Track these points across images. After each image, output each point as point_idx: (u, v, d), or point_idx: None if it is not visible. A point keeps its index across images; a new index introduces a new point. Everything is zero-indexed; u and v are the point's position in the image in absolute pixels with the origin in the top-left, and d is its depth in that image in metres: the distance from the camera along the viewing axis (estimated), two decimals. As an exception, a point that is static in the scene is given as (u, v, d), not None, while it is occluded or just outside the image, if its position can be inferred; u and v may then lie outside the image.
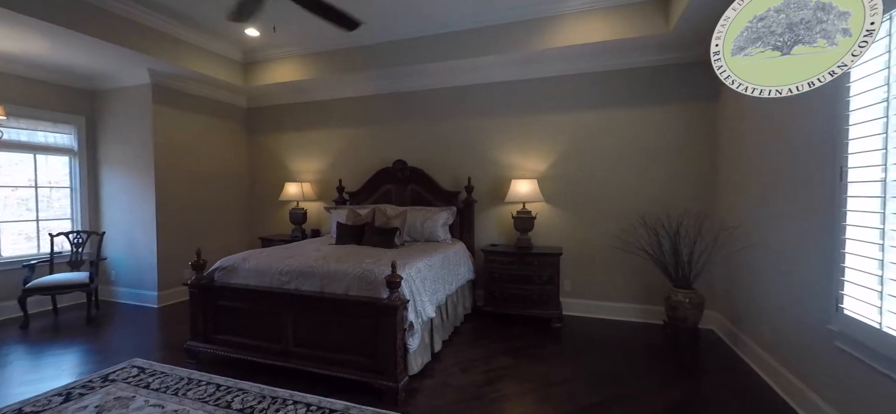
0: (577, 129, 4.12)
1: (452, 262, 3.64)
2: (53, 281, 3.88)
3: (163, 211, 4.54)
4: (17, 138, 4.20)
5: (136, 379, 2.72)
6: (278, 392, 2.54)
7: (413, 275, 2.79)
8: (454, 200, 4.42)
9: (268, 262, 3.01)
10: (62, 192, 4.68)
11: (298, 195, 5.04)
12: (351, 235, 3.85)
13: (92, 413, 2.30)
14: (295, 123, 5.40)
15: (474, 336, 3.61)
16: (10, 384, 2.74)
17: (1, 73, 4.04)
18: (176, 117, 4.68)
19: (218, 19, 4.01)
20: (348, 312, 2.61)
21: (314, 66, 4.63)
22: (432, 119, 4.68)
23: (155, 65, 4.16)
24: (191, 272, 3.17)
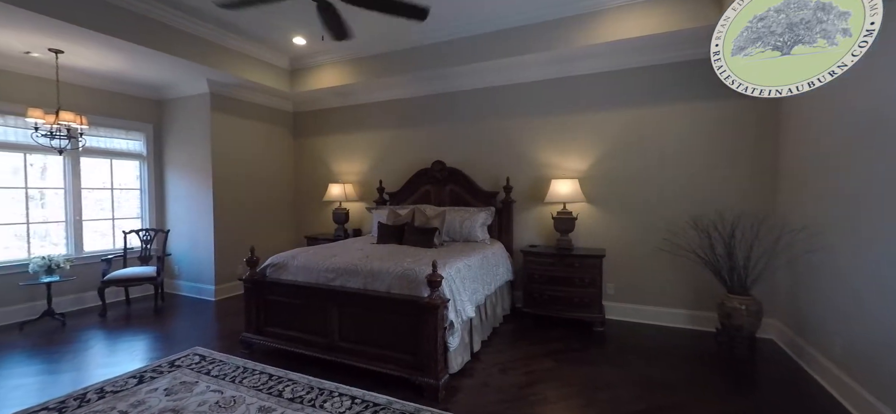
0: (622, 127, 3.98)
1: (491, 262, 3.64)
2: (126, 274, 4.28)
3: (219, 210, 4.87)
4: (97, 145, 4.66)
5: (198, 366, 2.94)
6: (325, 384, 2.66)
7: (453, 274, 2.82)
8: (492, 201, 4.41)
9: (314, 259, 3.16)
10: (133, 193, 5.14)
11: (341, 196, 5.23)
12: (392, 234, 3.95)
13: (162, 395, 2.52)
14: (337, 127, 5.60)
15: (513, 337, 3.59)
16: (93, 366, 3.06)
17: (83, 87, 4.51)
18: (230, 123, 5.00)
19: (268, 30, 4.25)
20: (390, 310, 2.68)
21: (356, 71, 4.78)
22: (470, 119, 4.70)
23: (213, 75, 4.48)
24: (245, 268, 3.38)
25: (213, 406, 2.39)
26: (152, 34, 3.69)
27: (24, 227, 4.19)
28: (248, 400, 2.46)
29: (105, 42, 3.52)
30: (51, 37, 3.42)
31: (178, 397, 2.50)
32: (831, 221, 2.64)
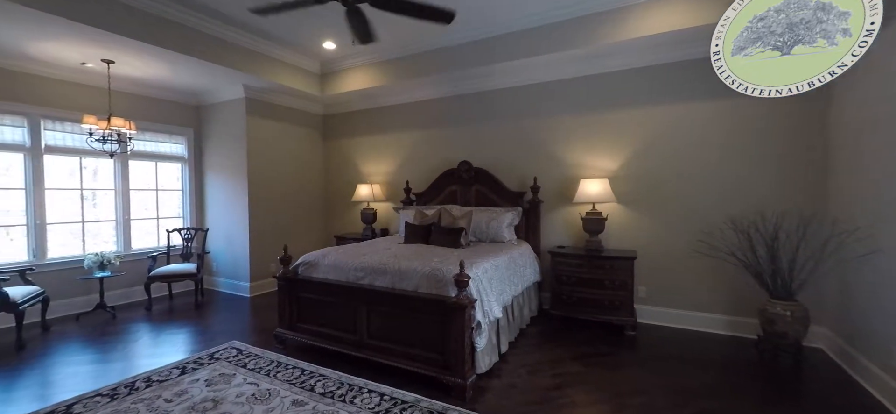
0: (654, 124, 3.86)
1: (518, 263, 3.61)
2: (169, 270, 4.52)
3: (254, 210, 5.07)
4: (143, 149, 4.96)
5: (236, 359, 3.08)
6: (354, 380, 2.72)
7: (480, 275, 2.82)
8: (519, 201, 4.37)
9: (344, 258, 3.23)
10: (175, 194, 5.43)
11: (369, 196, 5.32)
12: (418, 234, 3.99)
13: (203, 386, 2.65)
14: (366, 128, 5.71)
15: (541, 339, 3.54)
16: (140, 356, 3.26)
17: (131, 94, 4.80)
18: (264, 126, 5.20)
19: (300, 35, 4.39)
20: (418, 309, 2.71)
21: (384, 73, 4.86)
22: (497, 119, 4.68)
23: (248, 80, 4.67)
24: (278, 266, 3.51)
25: (249, 398, 2.50)
26: (193, 43, 3.89)
27: (79, 225, 4.51)
28: (282, 393, 2.55)
29: (151, 51, 3.74)
30: (104, 48, 3.66)
31: (217, 388, 2.62)
32: (887, 222, 2.46)
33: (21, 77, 3.99)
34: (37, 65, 4.01)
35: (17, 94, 3.97)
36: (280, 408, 2.39)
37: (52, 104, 4.18)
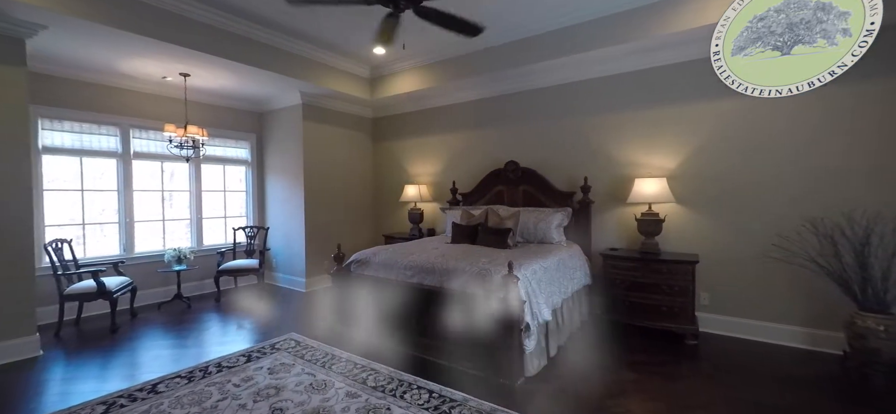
0: (718, 119, 3.59)
1: (568, 265, 3.52)
2: (235, 265, 4.90)
3: (309, 210, 5.35)
4: (213, 154, 5.41)
5: (294, 350, 3.27)
6: (404, 376, 2.79)
7: (529, 276, 2.78)
8: (569, 202, 4.25)
9: (394, 257, 3.33)
10: (240, 195, 5.87)
11: (416, 197, 5.43)
12: (465, 234, 4.00)
13: (266, 373, 2.85)
14: (413, 130, 5.83)
15: (592, 344, 3.42)
16: (210, 344, 3.56)
17: (203, 104, 5.26)
18: (319, 131, 5.47)
19: (351, 42, 4.58)
20: (466, 308, 2.72)
21: (432, 76, 4.93)
22: (545, 118, 4.58)
23: (305, 87, 4.94)
24: (332, 263, 3.68)
25: (307, 387, 2.64)
26: (257, 54, 4.19)
27: (160, 223, 5.01)
28: (336, 385, 2.67)
29: (221, 64, 4.07)
30: (182, 63, 4.05)
31: (278, 376, 2.80)
32: None
33: (114, 92, 4.51)
34: (127, 80, 4.51)
35: (112, 106, 4.49)
36: (335, 398, 2.50)
37: (139, 115, 4.69)
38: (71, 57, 3.83)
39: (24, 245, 3.22)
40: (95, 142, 4.42)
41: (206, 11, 3.68)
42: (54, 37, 3.32)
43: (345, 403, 2.45)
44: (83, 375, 2.96)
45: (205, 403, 2.45)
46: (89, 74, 4.26)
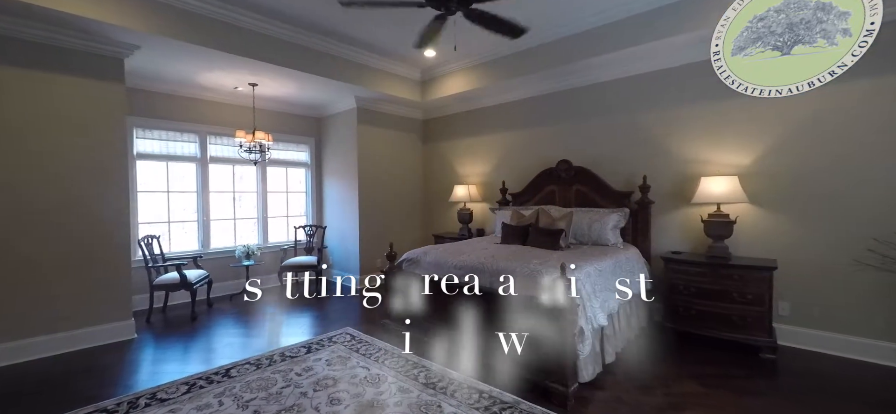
0: (799, 110, 3.24)
1: (625, 268, 3.35)
2: (296, 262, 5.22)
3: (363, 210, 5.57)
4: (277, 157, 5.80)
5: (350, 344, 3.42)
6: (454, 374, 2.81)
7: (582, 279, 2.69)
8: (626, 202, 4.05)
9: (444, 256, 3.37)
10: (300, 195, 6.25)
11: (465, 197, 5.45)
12: (515, 235, 3.95)
13: (324, 364, 3.01)
14: (462, 131, 5.86)
15: (652, 353, 3.24)
16: (273, 334, 3.82)
17: (269, 111, 5.66)
18: (372, 133, 5.67)
19: (403, 47, 4.70)
20: (516, 310, 2.69)
21: (482, 76, 4.93)
22: (600, 115, 4.40)
23: (359, 92, 5.15)
24: (384, 261, 3.80)
25: (362, 380, 2.75)
26: (317, 63, 4.44)
27: (231, 222, 5.47)
28: (389, 379, 2.76)
29: (285, 73, 4.37)
30: (251, 74, 4.40)
31: (335, 368, 2.95)
32: None
33: (194, 102, 4.99)
34: (205, 91, 4.98)
35: (192, 115, 4.98)
36: (388, 392, 2.58)
37: (214, 122, 5.15)
38: (159, 72, 4.31)
39: (122, 240, 3.66)
40: (179, 148, 4.93)
41: (273, 25, 3.96)
42: (146, 55, 3.75)
43: (397, 397, 2.52)
44: (169, 357, 3.31)
45: (271, 389, 2.64)
46: (173, 87, 4.76)
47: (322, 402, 2.47)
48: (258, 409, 2.40)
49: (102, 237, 3.53)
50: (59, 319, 3.31)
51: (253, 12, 3.77)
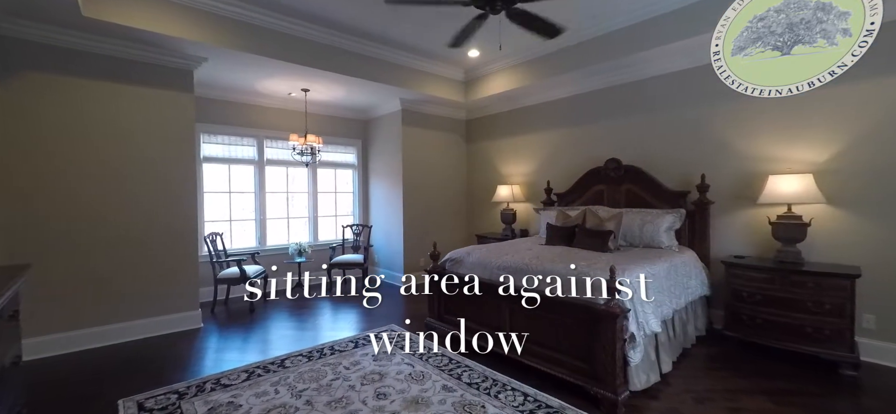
0: (885, 100, 2.89)
1: (680, 272, 3.16)
2: (344, 259, 5.42)
3: (407, 210, 5.68)
4: (326, 159, 6.06)
5: (395, 340, 3.50)
6: (498, 376, 2.79)
7: (633, 282, 2.57)
8: (681, 202, 3.81)
9: (487, 257, 3.35)
10: (347, 196, 6.48)
11: (509, 197, 5.39)
12: (561, 236, 3.85)
13: (370, 360, 3.10)
14: (506, 130, 5.80)
15: (711, 363, 3.03)
16: (323, 329, 4.00)
17: (319, 115, 5.92)
18: (416, 135, 5.77)
19: (445, 47, 4.72)
20: (563, 313, 2.63)
21: (526, 74, 4.85)
22: (652, 110, 4.18)
23: (404, 94, 5.26)
24: (428, 261, 3.85)
25: (406, 377, 2.81)
26: (365, 67, 4.59)
27: (284, 221, 5.79)
28: (433, 377, 2.79)
29: (335, 78, 4.57)
30: (304, 80, 4.64)
31: (381, 363, 3.03)
32: None
33: (252, 109, 5.34)
34: (261, 98, 5.31)
35: (250, 121, 5.33)
36: (432, 390, 2.62)
37: (270, 127, 5.48)
38: (222, 82, 4.66)
39: (191, 237, 3.99)
40: (239, 152, 5.29)
41: (324, 33, 4.16)
42: (212, 66, 4.07)
43: (441, 395, 2.55)
44: (230, 346, 3.57)
45: (321, 380, 2.77)
46: (235, 95, 5.12)
47: (369, 396, 2.55)
48: (310, 399, 2.52)
49: (175, 234, 3.87)
50: (137, 308, 3.67)
51: (307, 21, 3.98)
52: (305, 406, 2.44)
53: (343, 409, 2.40)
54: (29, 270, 1.90)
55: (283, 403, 2.48)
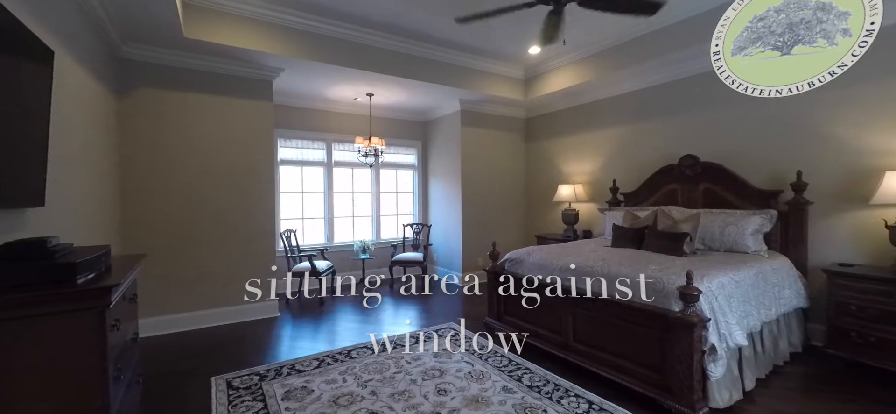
0: None
1: (771, 281, 2.83)
2: (405, 258, 5.59)
3: (466, 209, 5.71)
4: (389, 160, 6.30)
5: (454, 338, 3.54)
6: (560, 381, 2.71)
7: (715, 290, 2.36)
8: (771, 202, 3.42)
9: (549, 258, 3.27)
10: (408, 195, 6.68)
11: (571, 197, 5.20)
12: (629, 238, 3.64)
13: (431, 356, 3.17)
14: (567, 128, 5.61)
15: (807, 383, 2.68)
16: (386, 323, 4.16)
17: (382, 118, 6.17)
18: (475, 134, 5.79)
19: (507, 47, 4.69)
20: (632, 319, 2.49)
21: (590, 69, 4.66)
22: (733, 101, 3.78)
23: (464, 95, 5.30)
24: (486, 260, 3.85)
25: (466, 375, 2.83)
26: (426, 70, 4.71)
27: (350, 219, 6.11)
28: (493, 378, 2.79)
29: (397, 82, 4.73)
30: (368, 85, 4.87)
31: (441, 360, 3.08)
32: None
33: (322, 114, 5.71)
34: (330, 104, 5.66)
35: (319, 125, 5.70)
36: (492, 390, 2.61)
37: (337, 131, 5.82)
38: (296, 90, 5.03)
39: (270, 234, 4.37)
40: (310, 155, 5.69)
41: (388, 39, 4.33)
42: (288, 76, 4.42)
43: (501, 396, 2.53)
44: (302, 334, 3.84)
45: (385, 372, 2.89)
46: (306, 102, 5.51)
47: (430, 391, 2.61)
48: (375, 390, 2.63)
49: (258, 231, 4.26)
50: (225, 297, 4.09)
51: (372, 29, 4.17)
52: (371, 396, 2.56)
53: (405, 401, 2.49)
54: (144, 259, 2.21)
55: (351, 391, 2.62)
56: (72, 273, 1.38)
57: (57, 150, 2.08)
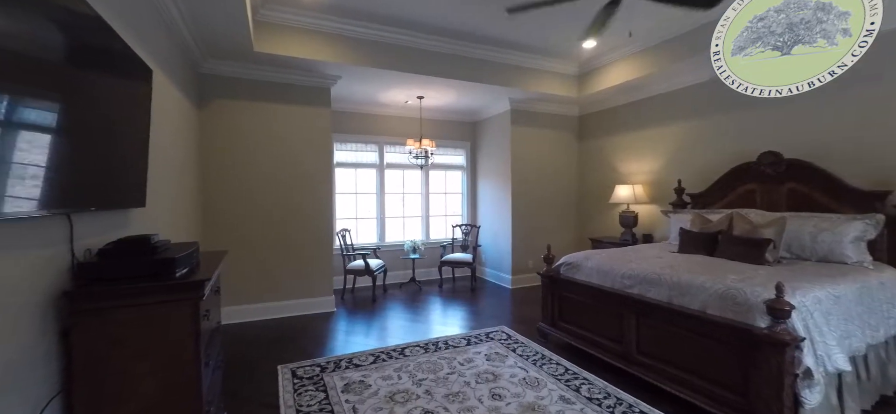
0: None
1: (878, 297, 2.46)
2: (454, 258, 5.58)
3: (515, 210, 5.59)
4: (438, 162, 6.32)
5: (506, 342, 3.46)
6: (622, 395, 2.54)
7: (810, 305, 2.08)
8: (877, 205, 2.98)
9: (609, 263, 3.09)
10: (457, 196, 6.66)
11: (629, 198, 4.90)
12: (699, 243, 3.35)
13: (483, 358, 3.12)
14: (624, 125, 5.30)
15: (928, 419, 2.29)
16: (434, 323, 4.15)
17: (432, 120, 6.21)
18: (525, 134, 5.64)
19: (559, 43, 4.51)
20: (707, 334, 2.27)
21: (650, 62, 4.36)
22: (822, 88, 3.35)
23: (513, 94, 5.19)
24: (538, 262, 3.71)
25: (520, 381, 2.74)
26: (476, 71, 4.66)
27: (400, 219, 6.21)
28: (549, 385, 2.68)
29: (447, 84, 4.73)
30: (419, 88, 4.90)
31: (494, 364, 3.02)
32: None
33: (374, 118, 5.85)
34: (381, 107, 5.78)
35: (372, 129, 5.84)
36: (549, 399, 2.50)
37: (388, 133, 5.94)
38: (351, 95, 5.19)
39: (327, 232, 4.55)
40: (363, 157, 5.85)
41: (438, 41, 4.34)
42: (344, 82, 4.57)
43: (559, 406, 2.42)
44: (356, 330, 3.95)
45: (438, 372, 2.88)
46: (360, 106, 5.67)
47: (484, 395, 2.55)
48: (429, 389, 2.63)
49: (317, 230, 4.46)
50: (289, 291, 4.32)
51: (423, 32, 4.20)
52: (426, 395, 2.55)
53: (460, 403, 2.45)
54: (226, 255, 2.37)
55: (406, 389, 2.64)
56: (171, 267, 1.54)
57: (153, 156, 2.28)
